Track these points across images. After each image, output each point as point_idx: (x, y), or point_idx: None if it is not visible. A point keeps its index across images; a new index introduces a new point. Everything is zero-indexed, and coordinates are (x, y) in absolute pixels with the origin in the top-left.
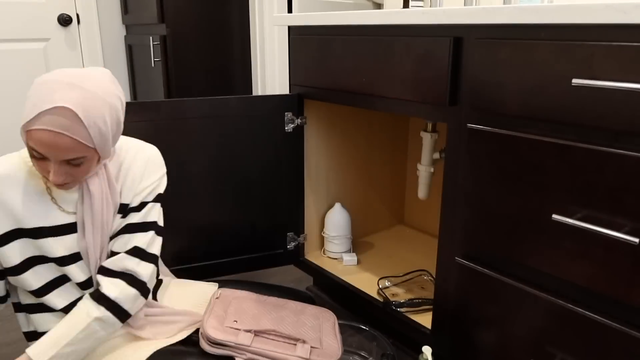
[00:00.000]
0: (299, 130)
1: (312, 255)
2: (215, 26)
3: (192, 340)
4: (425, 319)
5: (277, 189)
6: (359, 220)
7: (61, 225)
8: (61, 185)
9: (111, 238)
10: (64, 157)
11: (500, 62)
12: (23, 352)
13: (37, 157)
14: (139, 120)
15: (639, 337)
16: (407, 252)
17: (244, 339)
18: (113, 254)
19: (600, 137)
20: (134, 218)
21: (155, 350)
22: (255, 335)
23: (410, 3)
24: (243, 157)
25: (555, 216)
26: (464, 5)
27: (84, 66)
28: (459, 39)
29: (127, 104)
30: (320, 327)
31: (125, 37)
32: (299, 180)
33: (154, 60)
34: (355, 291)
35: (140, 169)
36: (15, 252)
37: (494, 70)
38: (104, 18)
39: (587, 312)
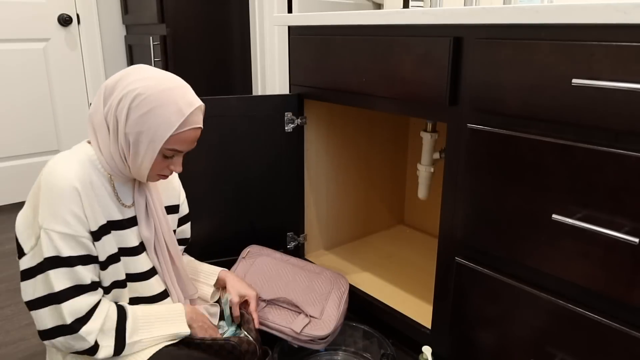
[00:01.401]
0: (299, 130)
1: (312, 255)
2: (215, 26)
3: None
4: (425, 319)
5: (277, 189)
6: (359, 220)
7: (125, 219)
8: (167, 177)
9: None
10: (194, 147)
11: (500, 62)
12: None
13: (170, 155)
14: None
15: (639, 337)
16: (407, 252)
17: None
18: (185, 240)
19: (600, 137)
20: (186, 210)
21: (156, 350)
22: (265, 303)
23: (410, 3)
24: (243, 157)
25: (555, 216)
26: (464, 5)
27: (83, 66)
28: (459, 39)
29: None
30: (328, 294)
31: (125, 37)
32: (299, 180)
33: (154, 60)
34: (355, 291)
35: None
36: (106, 247)
37: (494, 70)
38: (104, 18)
39: (587, 312)
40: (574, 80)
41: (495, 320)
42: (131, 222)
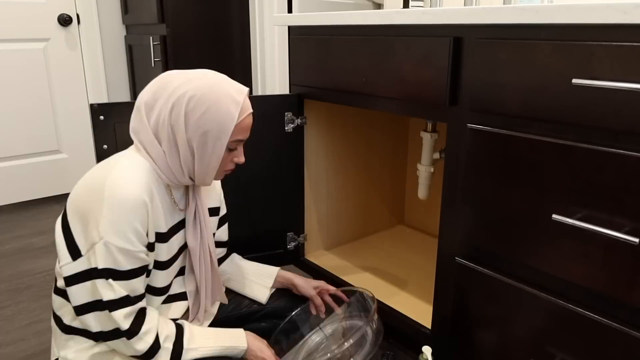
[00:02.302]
0: (299, 130)
1: (312, 255)
2: (215, 26)
3: None
4: (425, 319)
5: (277, 189)
6: (359, 221)
7: (177, 223)
8: (229, 172)
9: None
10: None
11: (500, 62)
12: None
13: (234, 148)
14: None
15: (639, 337)
16: (407, 252)
17: None
18: (222, 243)
19: (600, 137)
20: (223, 211)
21: None
22: None
23: (410, 3)
24: None
25: (555, 216)
26: (464, 5)
27: (83, 66)
28: (459, 39)
29: (127, 104)
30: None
31: (125, 37)
32: (299, 180)
33: (154, 60)
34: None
35: None
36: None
37: (494, 70)
38: (104, 18)
39: (587, 312)
40: (574, 80)
41: (495, 320)
42: (179, 226)
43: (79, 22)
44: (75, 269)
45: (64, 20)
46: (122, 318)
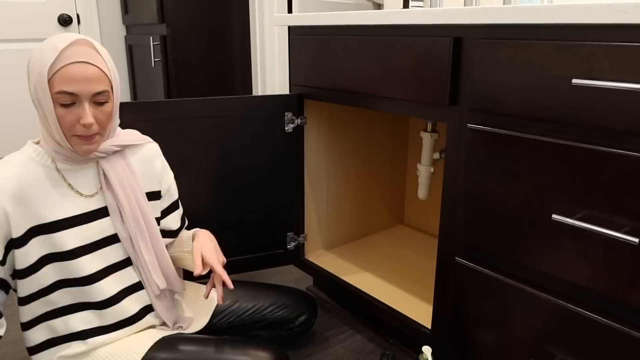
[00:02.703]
0: (299, 130)
1: (312, 255)
2: (215, 26)
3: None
4: (425, 319)
5: (277, 189)
6: (359, 220)
7: (84, 213)
8: (89, 139)
9: (158, 221)
10: (93, 89)
11: (500, 62)
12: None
13: (67, 103)
14: (139, 120)
15: (639, 337)
16: (407, 252)
17: None
18: (170, 232)
19: (600, 137)
20: (173, 197)
21: (159, 338)
22: None
23: (410, 3)
24: (243, 157)
25: (555, 216)
26: (464, 5)
27: None
28: (459, 39)
29: (127, 104)
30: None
31: (125, 37)
32: (299, 180)
33: (154, 60)
34: (355, 291)
35: (160, 158)
36: (32, 251)
37: (494, 70)
38: (104, 18)
39: (587, 312)
40: (574, 80)
41: (495, 320)
42: (96, 214)
43: (79, 22)
44: None
45: (64, 21)
46: None
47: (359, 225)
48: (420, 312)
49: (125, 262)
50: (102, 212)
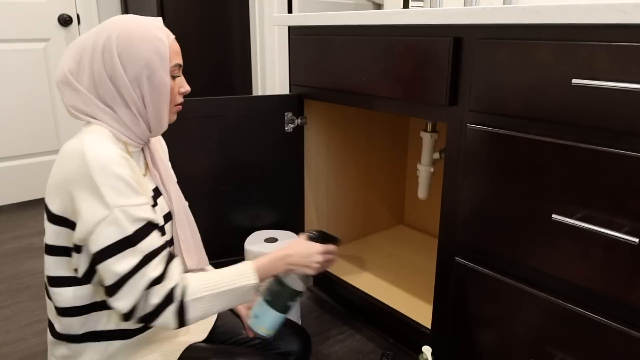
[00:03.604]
0: (299, 130)
1: None
2: (215, 26)
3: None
4: (425, 319)
5: (277, 188)
6: (359, 220)
7: (153, 194)
8: (180, 106)
9: None
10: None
11: (500, 62)
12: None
13: (177, 75)
14: None
15: (639, 337)
16: (407, 252)
17: None
18: None
19: (600, 137)
20: None
21: (187, 345)
22: None
23: (410, 3)
24: (243, 157)
25: (555, 216)
26: (464, 5)
27: None
28: (459, 39)
29: None
30: None
31: None
32: (299, 180)
33: None
34: (355, 291)
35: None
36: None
37: (494, 70)
38: (104, 18)
39: (587, 312)
40: (574, 80)
41: (495, 320)
42: (156, 192)
43: (79, 22)
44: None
45: (64, 21)
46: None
47: (359, 225)
48: (420, 312)
49: (170, 242)
50: (156, 191)
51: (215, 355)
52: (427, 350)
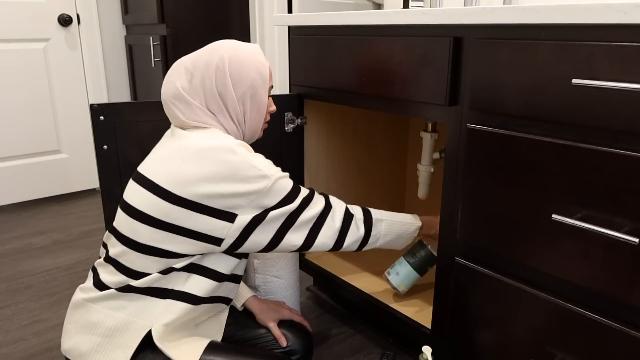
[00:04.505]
0: (299, 130)
1: (312, 256)
2: (215, 26)
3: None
4: (425, 319)
5: None
6: None
7: None
8: (267, 124)
9: None
10: None
11: (500, 62)
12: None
13: (270, 94)
14: (139, 120)
15: (639, 337)
16: None
17: None
18: None
19: (600, 137)
20: None
21: (209, 342)
22: None
23: (410, 3)
24: None
25: (555, 216)
26: (464, 5)
27: (83, 66)
28: (459, 39)
29: (127, 104)
30: None
31: (125, 37)
32: (299, 180)
33: (154, 60)
34: (355, 291)
35: None
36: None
37: (494, 70)
38: (104, 18)
39: (587, 312)
40: (574, 80)
41: (495, 320)
42: None
43: (79, 22)
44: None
45: (64, 21)
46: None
47: None
48: (420, 312)
49: None
50: None
51: (227, 352)
52: (427, 350)
